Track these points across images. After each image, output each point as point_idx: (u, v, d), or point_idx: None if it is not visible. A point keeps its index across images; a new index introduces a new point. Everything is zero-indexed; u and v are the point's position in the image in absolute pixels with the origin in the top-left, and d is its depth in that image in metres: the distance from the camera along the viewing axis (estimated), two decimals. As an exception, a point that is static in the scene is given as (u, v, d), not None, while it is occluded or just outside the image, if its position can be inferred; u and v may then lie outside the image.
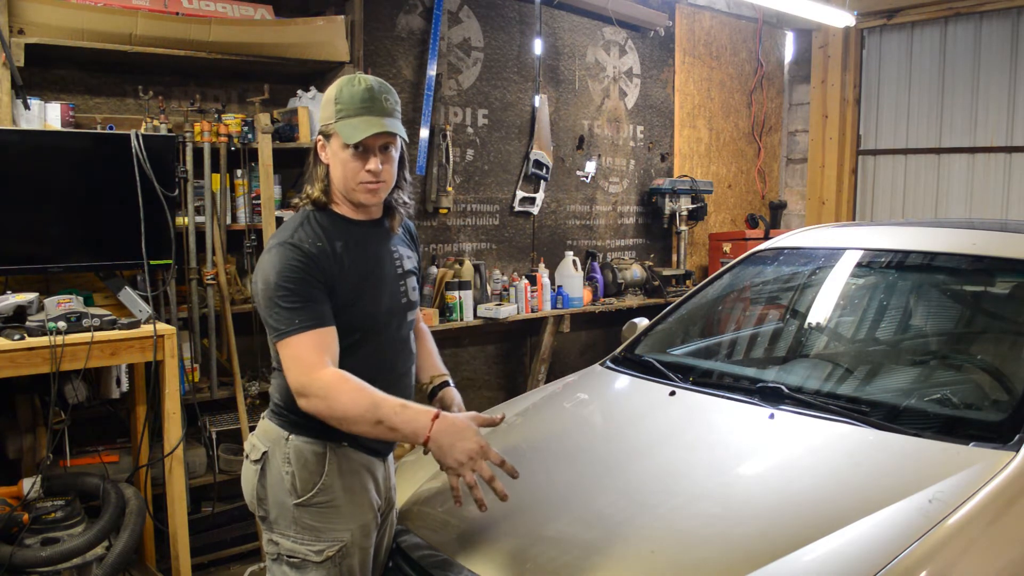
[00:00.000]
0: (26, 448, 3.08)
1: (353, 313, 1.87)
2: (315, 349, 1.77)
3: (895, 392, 2.35)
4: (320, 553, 1.88)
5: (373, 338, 1.93)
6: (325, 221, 1.90)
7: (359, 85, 1.84)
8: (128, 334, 2.82)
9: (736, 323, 3.15)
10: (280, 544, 1.91)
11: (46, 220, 3.02)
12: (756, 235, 5.77)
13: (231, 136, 3.51)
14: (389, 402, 1.75)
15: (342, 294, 1.85)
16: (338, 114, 1.83)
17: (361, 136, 1.80)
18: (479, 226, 4.85)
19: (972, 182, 5.91)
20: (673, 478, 2.13)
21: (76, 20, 3.15)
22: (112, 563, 2.78)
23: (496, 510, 2.16)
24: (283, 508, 1.90)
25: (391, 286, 1.97)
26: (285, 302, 1.77)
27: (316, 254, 1.82)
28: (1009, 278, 2.62)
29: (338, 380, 1.76)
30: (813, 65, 6.52)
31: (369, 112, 1.82)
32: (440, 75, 4.51)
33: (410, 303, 2.03)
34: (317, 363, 1.75)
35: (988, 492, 1.81)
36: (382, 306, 1.94)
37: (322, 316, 1.80)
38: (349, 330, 1.86)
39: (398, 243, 2.03)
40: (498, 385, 5.05)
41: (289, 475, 1.88)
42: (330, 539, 1.89)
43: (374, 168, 1.84)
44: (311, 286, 1.79)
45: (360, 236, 1.93)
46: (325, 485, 1.88)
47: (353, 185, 1.86)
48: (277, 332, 1.80)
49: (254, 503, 1.96)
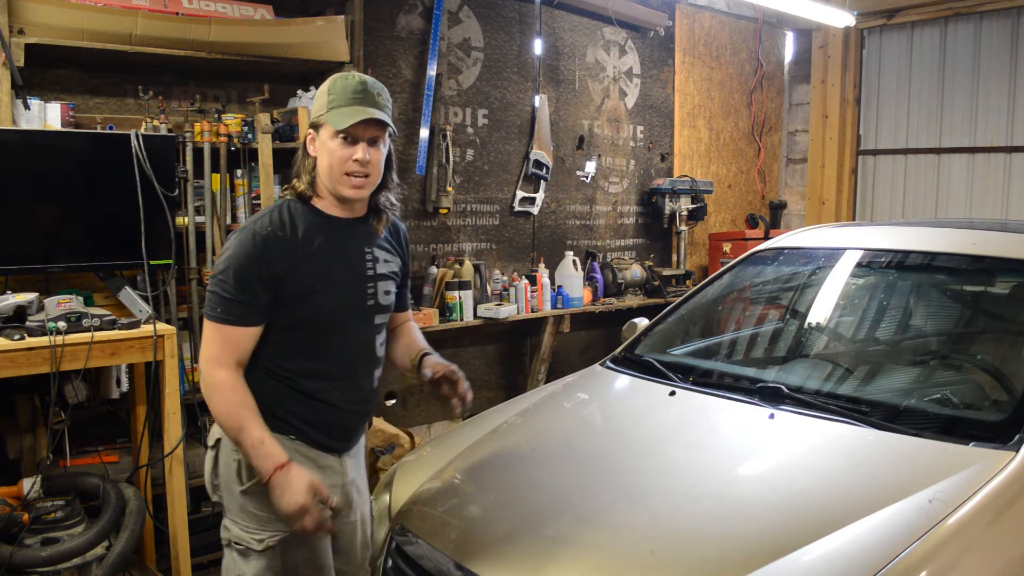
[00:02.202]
0: (26, 448, 3.08)
1: (308, 307, 1.87)
2: (224, 344, 1.83)
3: (895, 392, 2.35)
4: (261, 542, 1.89)
5: (331, 336, 1.92)
6: (298, 211, 1.90)
7: (353, 79, 1.86)
8: (128, 334, 2.82)
9: (736, 323, 3.15)
10: (230, 530, 1.94)
11: (46, 220, 3.02)
12: (756, 235, 5.77)
13: (231, 136, 3.51)
14: (254, 434, 1.78)
15: (295, 285, 1.85)
16: (329, 104, 1.84)
17: (350, 121, 1.80)
18: (479, 226, 4.85)
19: (972, 182, 5.91)
20: (673, 478, 2.13)
21: (76, 20, 3.15)
22: (112, 563, 2.78)
23: (496, 510, 2.16)
24: (232, 494, 1.92)
25: (356, 286, 1.95)
26: (220, 288, 1.83)
27: (271, 240, 1.83)
28: (1009, 278, 2.62)
29: (226, 388, 1.81)
30: (813, 65, 6.52)
31: (360, 103, 1.83)
32: (440, 75, 4.51)
33: (379, 306, 2.00)
34: (219, 358, 1.82)
35: (988, 492, 1.81)
36: (342, 305, 1.92)
37: (246, 315, 1.83)
38: (302, 325, 1.88)
39: (378, 245, 2.01)
40: (498, 385, 5.06)
41: (236, 462, 1.90)
42: (273, 529, 1.88)
43: (361, 157, 1.83)
44: (251, 280, 1.81)
45: (333, 232, 1.91)
46: None
47: (339, 175, 1.85)
48: (205, 311, 1.87)
49: (210, 488, 1.99)
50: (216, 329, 1.84)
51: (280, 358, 1.90)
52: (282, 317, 1.87)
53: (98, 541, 2.79)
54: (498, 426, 2.62)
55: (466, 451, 2.46)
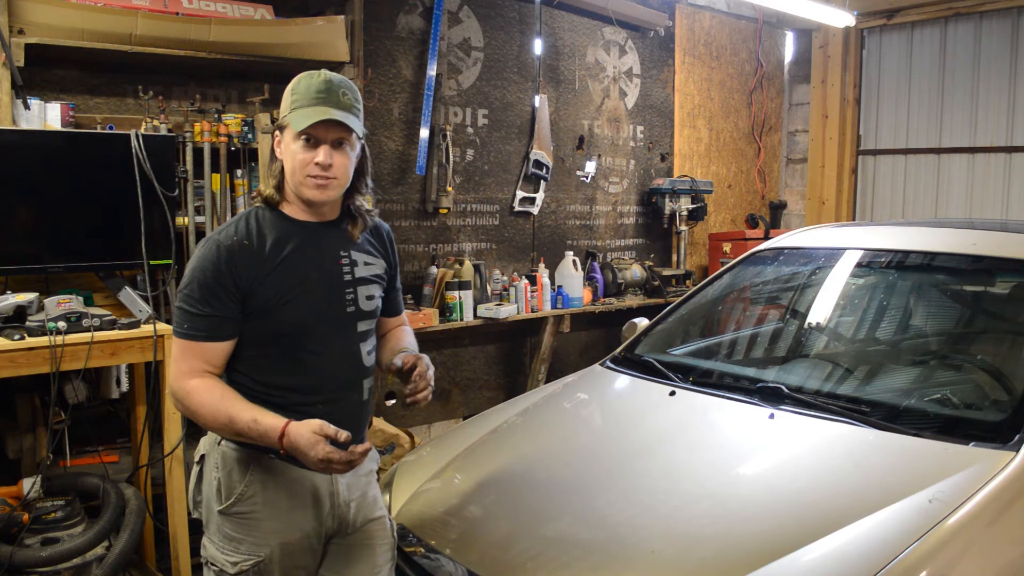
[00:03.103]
0: (26, 448, 3.08)
1: (279, 317, 1.78)
2: (193, 360, 1.75)
3: (895, 392, 2.35)
4: (235, 565, 1.80)
5: (307, 347, 1.81)
6: (266, 219, 1.82)
7: (317, 78, 1.77)
8: (128, 334, 2.82)
9: (736, 323, 3.15)
10: (207, 549, 1.87)
11: (46, 220, 3.01)
12: (756, 235, 5.77)
13: (231, 136, 3.51)
14: (244, 418, 1.69)
15: (264, 296, 1.76)
16: (292, 105, 1.76)
17: (309, 122, 1.72)
18: (479, 226, 4.85)
19: (972, 182, 5.91)
20: (673, 478, 2.13)
21: (76, 20, 3.15)
22: (112, 563, 2.78)
23: (496, 510, 2.16)
24: (211, 513, 1.85)
25: (331, 293, 1.84)
26: (186, 303, 1.75)
27: (236, 252, 1.75)
28: (1009, 278, 2.62)
29: (200, 390, 1.74)
30: (813, 65, 6.52)
31: (323, 103, 1.74)
32: (440, 75, 4.51)
33: (360, 312, 1.88)
34: (188, 372, 1.75)
35: (988, 492, 1.81)
36: (316, 313, 1.81)
37: (214, 329, 1.75)
38: (275, 337, 1.79)
39: (356, 248, 1.90)
40: (498, 385, 5.05)
41: (216, 480, 1.83)
42: (247, 552, 1.80)
43: (323, 160, 1.74)
44: (217, 292, 1.73)
45: (304, 238, 1.82)
46: (244, 495, 1.80)
47: (301, 178, 1.77)
48: (173, 328, 1.81)
49: (191, 504, 1.94)
50: (185, 347, 1.75)
51: (255, 373, 1.80)
52: (253, 330, 1.78)
53: (98, 541, 2.79)
54: (498, 426, 2.62)
55: (466, 451, 2.46)
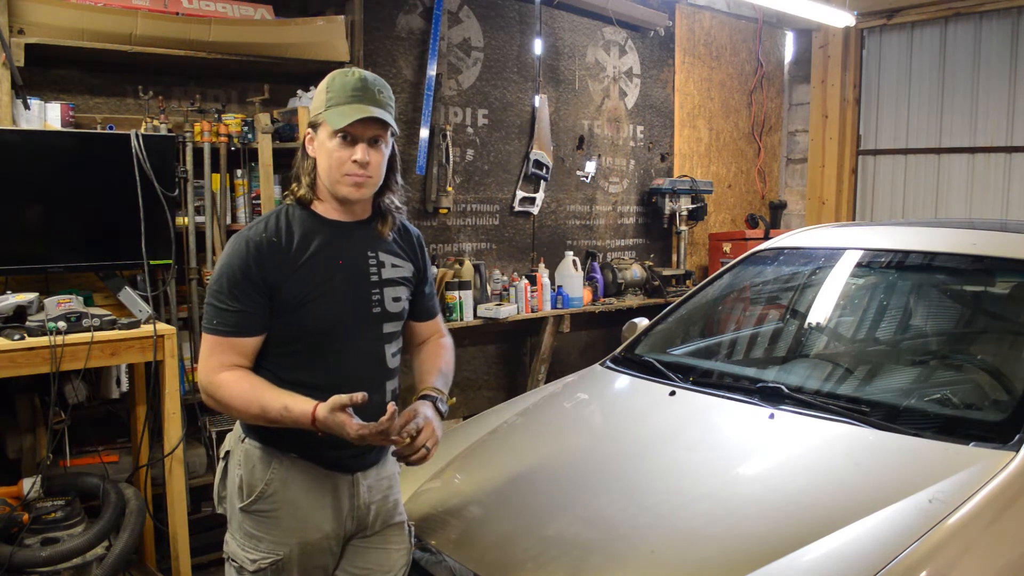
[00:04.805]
0: (26, 448, 3.08)
1: (304, 314, 1.78)
2: (223, 355, 1.76)
3: (895, 392, 2.35)
4: (253, 563, 1.82)
5: (333, 347, 1.81)
6: (296, 217, 1.83)
7: (353, 75, 1.77)
8: (128, 334, 2.82)
9: (736, 323, 3.15)
10: (229, 544, 1.89)
11: (46, 220, 3.02)
12: (756, 235, 5.77)
13: (231, 136, 3.51)
14: (276, 405, 1.70)
15: (290, 293, 1.77)
16: (328, 102, 1.76)
17: (348, 120, 1.72)
18: (479, 226, 4.85)
19: (972, 182, 5.91)
20: (673, 478, 2.13)
21: (76, 20, 3.15)
22: (112, 563, 2.78)
23: (497, 510, 2.16)
24: (233, 510, 1.87)
25: (357, 293, 1.84)
26: (215, 299, 1.77)
27: (265, 248, 1.76)
28: (1009, 278, 2.62)
29: (230, 382, 1.74)
30: (813, 65, 6.52)
31: (360, 100, 1.75)
32: (440, 75, 4.51)
33: (386, 314, 1.88)
34: (218, 367, 1.75)
35: (988, 492, 1.81)
36: (341, 312, 1.81)
37: (244, 325, 1.76)
38: (301, 335, 1.80)
39: (385, 249, 1.91)
40: (498, 385, 5.05)
41: (239, 477, 1.85)
42: (266, 551, 1.82)
43: (360, 158, 1.75)
44: (244, 288, 1.75)
45: (333, 237, 1.83)
46: (265, 493, 1.82)
47: (338, 176, 1.77)
48: (203, 324, 1.81)
49: (216, 500, 1.96)
50: (214, 342, 1.76)
51: (280, 370, 1.80)
52: (279, 327, 1.79)
53: (98, 541, 2.79)
54: (498, 426, 2.63)
55: (466, 451, 2.46)
